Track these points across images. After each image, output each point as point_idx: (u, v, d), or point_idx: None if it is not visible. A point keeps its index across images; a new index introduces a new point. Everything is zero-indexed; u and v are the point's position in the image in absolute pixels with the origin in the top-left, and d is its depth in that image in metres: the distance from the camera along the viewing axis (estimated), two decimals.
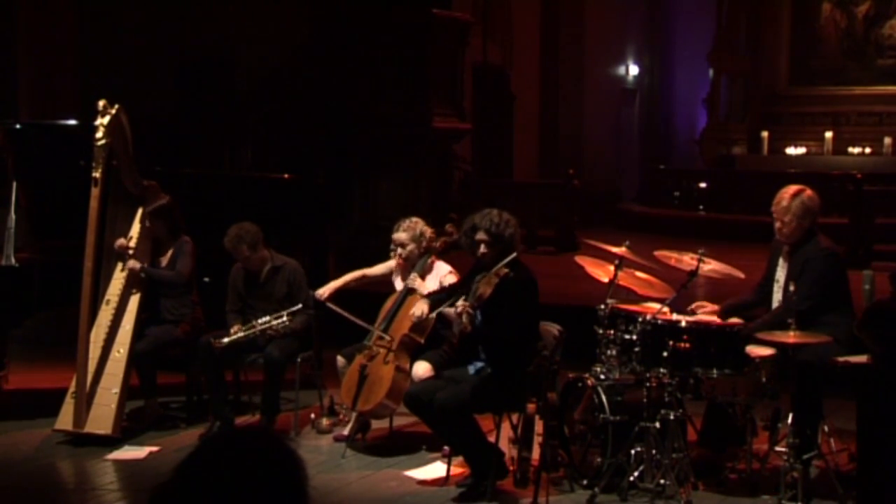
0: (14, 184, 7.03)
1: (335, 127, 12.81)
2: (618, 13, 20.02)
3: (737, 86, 19.90)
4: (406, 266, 6.72)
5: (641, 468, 5.59)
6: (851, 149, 18.20)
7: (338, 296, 6.81)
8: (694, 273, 5.91)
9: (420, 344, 6.40)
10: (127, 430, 6.82)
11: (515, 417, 5.79)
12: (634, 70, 20.92)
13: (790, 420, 5.48)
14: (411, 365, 6.33)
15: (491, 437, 5.84)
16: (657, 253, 6.21)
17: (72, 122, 8.71)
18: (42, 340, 8.57)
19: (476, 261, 5.85)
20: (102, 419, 6.66)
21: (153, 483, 1.85)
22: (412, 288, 6.50)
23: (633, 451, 5.60)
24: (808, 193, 5.94)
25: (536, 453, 5.55)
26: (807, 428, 5.52)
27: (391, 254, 6.79)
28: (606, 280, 6.12)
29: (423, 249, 6.62)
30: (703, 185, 17.53)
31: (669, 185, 17.87)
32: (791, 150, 18.66)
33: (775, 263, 6.08)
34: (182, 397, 7.44)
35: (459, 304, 5.57)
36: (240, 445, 1.84)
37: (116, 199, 7.01)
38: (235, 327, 6.80)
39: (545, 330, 5.97)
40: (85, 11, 12.32)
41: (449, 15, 12.91)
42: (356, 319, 6.59)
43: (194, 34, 12.90)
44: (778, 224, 5.93)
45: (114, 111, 6.70)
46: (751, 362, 5.62)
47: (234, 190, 8.93)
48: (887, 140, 17.59)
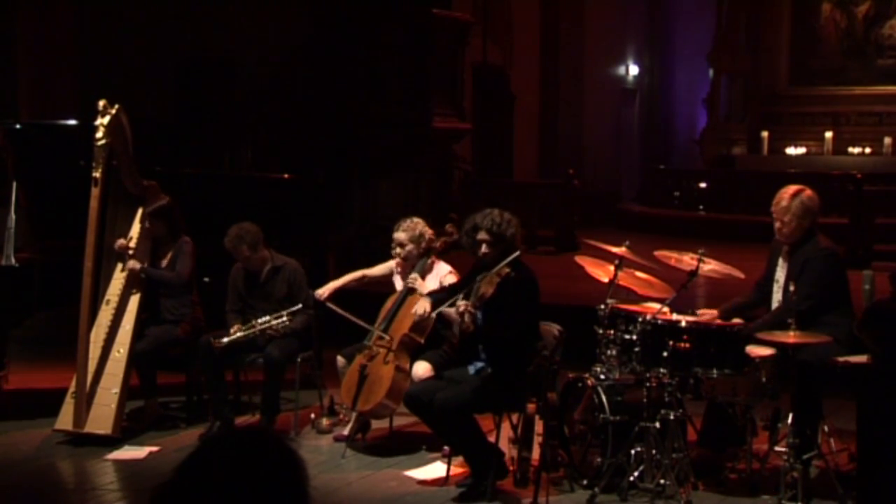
0: (14, 184, 7.03)
1: (335, 127, 12.81)
2: (618, 13, 20.03)
3: (737, 86, 19.90)
4: (406, 266, 6.72)
5: (641, 468, 5.59)
6: (851, 149, 18.20)
7: (338, 296, 6.81)
8: (694, 273, 5.91)
9: (420, 344, 6.40)
10: (127, 430, 6.83)
11: (515, 417, 5.79)
12: (634, 70, 20.93)
13: (790, 420, 5.48)
14: (411, 365, 6.33)
15: (491, 437, 5.84)
16: (657, 253, 6.21)
17: (72, 122, 8.70)
18: (42, 340, 8.57)
19: (477, 260, 5.85)
20: (102, 419, 6.67)
21: (153, 483, 1.85)
22: (412, 288, 6.50)
23: (633, 451, 5.60)
24: (808, 193, 5.94)
25: (536, 453, 5.56)
26: (807, 428, 5.52)
27: (392, 253, 6.80)
28: (606, 280, 6.12)
29: (423, 250, 6.63)
30: (703, 185, 17.53)
31: (669, 185, 17.87)
32: (791, 150, 18.66)
33: (775, 263, 6.08)
34: (182, 397, 7.44)
35: (461, 304, 5.57)
36: (240, 445, 1.84)
37: (116, 199, 7.01)
38: (235, 327, 6.80)
39: (545, 330, 5.98)
40: (85, 11, 12.33)
41: (449, 15, 12.91)
42: (356, 319, 6.59)
43: (194, 34, 12.89)
44: (777, 224, 5.93)
45: (114, 111, 6.70)
46: (751, 362, 5.62)
47: (234, 190, 8.94)
48: (887, 140, 17.59)
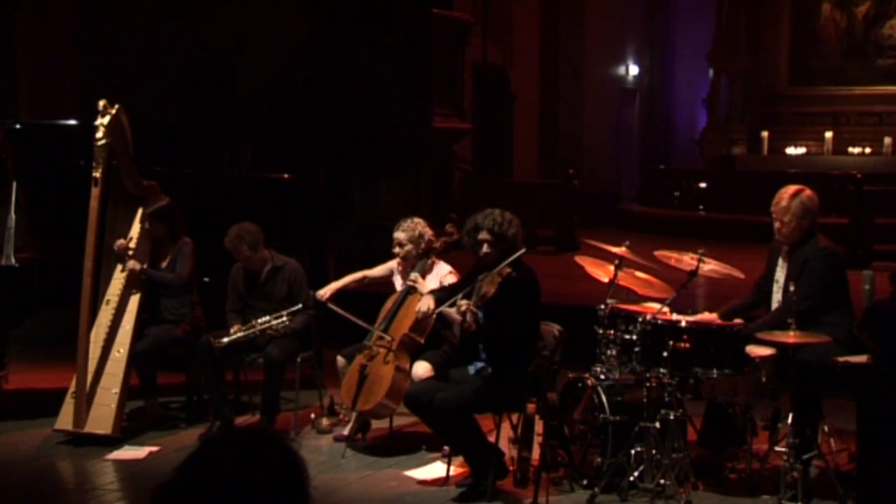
0: (14, 184, 7.03)
1: (335, 127, 12.81)
2: (618, 13, 20.03)
3: (737, 86, 19.89)
4: (406, 266, 6.73)
5: (641, 468, 5.59)
6: (851, 149, 18.20)
7: (338, 296, 6.81)
8: (694, 273, 5.91)
9: (420, 344, 6.40)
10: (127, 430, 6.82)
11: (515, 417, 5.79)
12: (634, 70, 20.93)
13: (790, 420, 5.48)
14: (411, 365, 6.33)
15: (491, 437, 5.84)
16: (657, 253, 6.21)
17: (72, 122, 8.71)
18: (42, 340, 8.56)
19: (478, 260, 5.85)
20: (102, 419, 6.66)
21: (153, 483, 1.85)
22: (412, 288, 6.50)
23: (633, 451, 5.60)
24: (808, 193, 5.94)
25: (536, 453, 5.56)
26: (807, 428, 5.52)
27: (393, 252, 6.80)
28: (606, 280, 6.12)
29: (422, 251, 6.63)
30: (703, 185, 17.53)
31: (669, 185, 17.86)
32: (791, 150, 18.66)
33: (774, 263, 6.08)
34: (182, 397, 7.44)
35: (463, 303, 5.57)
36: (241, 445, 1.84)
37: (116, 200, 7.01)
38: (235, 327, 6.80)
39: (545, 330, 5.97)
40: (85, 11, 12.33)
41: (449, 15, 12.91)
42: (356, 319, 6.59)
43: (194, 34, 12.90)
44: (777, 224, 5.93)
45: (114, 111, 6.70)
46: (751, 362, 5.62)
47: (234, 190, 8.94)
48: (887, 140, 17.59)
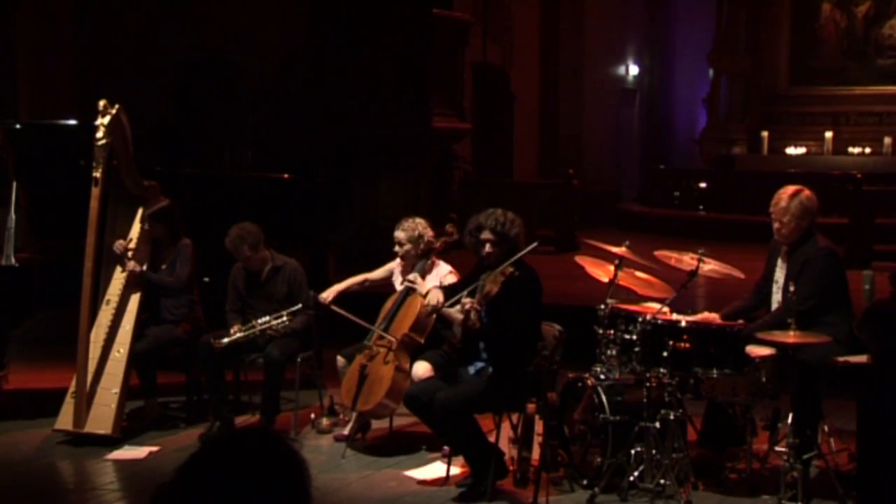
0: (14, 184, 7.03)
1: (335, 127, 12.82)
2: (618, 13, 20.04)
3: (737, 86, 19.88)
4: (406, 267, 6.73)
5: (641, 468, 5.59)
6: (851, 149, 18.19)
7: (339, 297, 6.82)
8: (694, 273, 5.91)
9: (420, 344, 6.40)
10: (127, 430, 6.82)
11: (515, 417, 5.79)
12: (634, 70, 20.93)
13: (790, 420, 5.48)
14: (411, 365, 6.33)
15: (491, 437, 5.84)
16: (657, 253, 6.21)
17: (72, 122, 8.71)
18: (42, 340, 8.56)
19: (479, 260, 5.85)
20: (102, 419, 6.66)
21: (153, 483, 1.85)
22: (412, 288, 6.50)
23: (633, 451, 5.60)
24: (807, 194, 5.94)
25: (536, 453, 5.55)
26: (807, 428, 5.52)
27: (394, 250, 6.81)
28: (606, 280, 6.12)
29: (422, 251, 6.63)
30: (703, 185, 17.53)
31: (669, 185, 17.87)
32: (791, 150, 18.66)
33: (774, 264, 6.08)
34: (182, 397, 7.44)
35: (467, 301, 5.57)
36: (243, 446, 1.84)
37: (117, 200, 7.01)
38: (235, 327, 6.80)
39: (545, 330, 5.97)
40: (85, 11, 12.33)
41: (449, 15, 12.91)
42: (357, 319, 6.59)
43: (194, 34, 12.90)
44: (776, 224, 5.93)
45: (114, 111, 6.70)
46: (751, 362, 5.62)
47: (235, 190, 8.94)
48: (887, 140, 17.58)
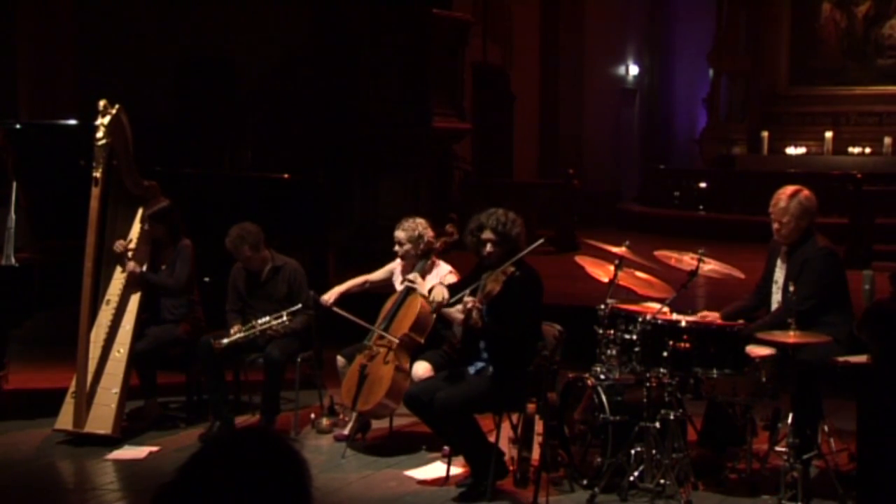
0: (14, 184, 7.03)
1: (335, 127, 12.82)
2: (618, 13, 20.04)
3: (737, 86, 19.89)
4: (407, 267, 6.73)
5: (641, 468, 5.59)
6: (851, 149, 18.19)
7: (340, 298, 6.82)
8: (694, 273, 5.91)
9: (420, 344, 6.40)
10: (127, 430, 6.82)
11: (515, 417, 5.79)
12: (634, 70, 20.93)
13: (790, 420, 5.48)
14: (411, 365, 6.33)
15: (491, 437, 5.84)
16: (657, 253, 6.21)
17: (72, 122, 8.70)
18: (42, 340, 8.56)
19: (480, 260, 5.85)
20: (102, 419, 6.67)
21: (153, 483, 1.85)
22: (412, 288, 6.50)
23: (633, 451, 5.60)
24: (806, 194, 5.94)
25: (536, 453, 5.55)
26: (807, 428, 5.52)
27: (394, 249, 6.81)
28: (606, 280, 6.12)
29: (421, 251, 6.63)
30: (703, 185, 17.53)
31: (669, 185, 17.86)
32: (791, 150, 18.66)
33: (774, 264, 6.08)
34: (182, 397, 7.44)
35: (469, 300, 5.57)
36: (243, 446, 1.84)
37: (117, 200, 7.01)
38: (235, 328, 6.80)
39: (545, 330, 5.98)
40: (85, 11, 12.32)
41: (449, 15, 12.91)
42: (357, 320, 6.59)
43: (194, 34, 12.90)
44: (776, 225, 5.93)
45: (114, 111, 6.70)
46: (751, 362, 5.62)
47: (235, 190, 8.94)
48: (887, 140, 17.58)
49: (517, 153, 17.14)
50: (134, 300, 6.97)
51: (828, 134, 18.19)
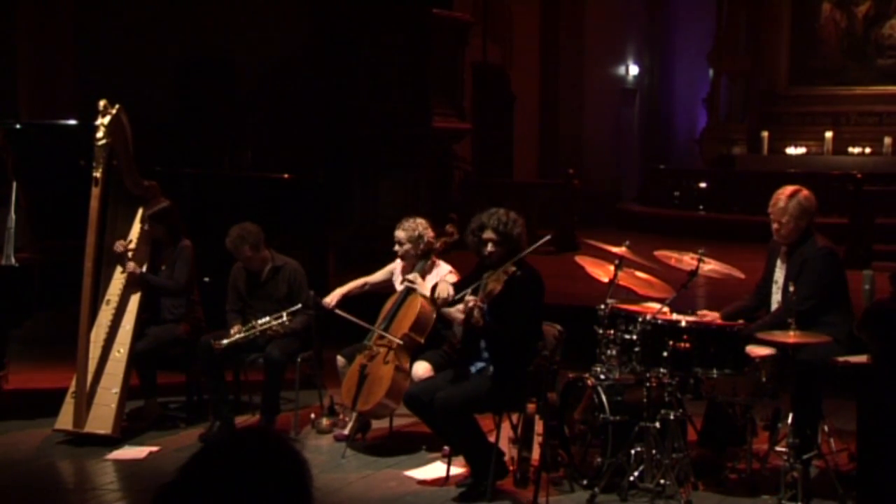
0: (14, 184, 7.02)
1: (335, 127, 12.82)
2: (618, 13, 20.03)
3: (737, 86, 19.90)
4: (407, 267, 6.73)
5: (641, 468, 5.59)
6: (851, 149, 18.20)
7: (342, 300, 6.82)
8: (694, 273, 5.91)
9: (420, 344, 6.40)
10: (127, 430, 6.82)
11: (515, 417, 5.79)
12: (634, 70, 20.93)
13: (790, 420, 5.48)
14: (411, 365, 6.33)
15: (491, 437, 5.84)
16: (657, 253, 6.21)
17: (72, 122, 8.70)
18: (42, 340, 8.56)
19: (480, 260, 5.85)
20: (102, 419, 6.66)
21: (153, 483, 1.85)
22: (412, 288, 6.50)
23: (633, 451, 5.60)
24: (805, 194, 5.94)
25: (536, 453, 5.55)
26: (807, 428, 5.52)
27: (394, 249, 6.81)
28: (606, 280, 6.12)
29: (421, 251, 6.63)
30: (703, 185, 17.53)
31: (669, 185, 17.87)
32: (791, 150, 18.66)
33: (773, 264, 6.08)
34: (182, 397, 7.44)
35: (470, 299, 5.57)
36: (244, 446, 1.84)
37: (117, 200, 7.01)
38: (235, 328, 6.79)
39: (545, 330, 5.98)
40: (85, 11, 12.32)
41: (449, 15, 12.92)
42: (359, 321, 6.59)
43: (194, 34, 12.89)
44: (775, 225, 5.93)
45: (114, 111, 6.70)
46: (751, 362, 5.62)
47: (235, 190, 8.94)
48: (887, 140, 17.59)
49: (517, 153, 17.13)
50: (134, 300, 6.97)
51: (828, 134, 18.20)
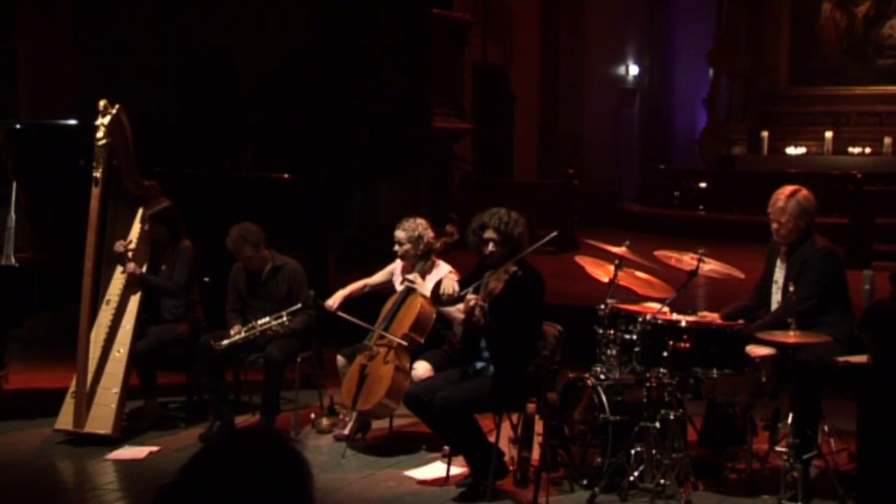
0: (14, 184, 7.02)
1: (335, 127, 12.81)
2: (618, 13, 20.04)
3: (737, 86, 19.89)
4: (407, 267, 6.73)
5: (641, 468, 5.59)
6: (851, 149, 18.19)
7: (344, 302, 6.83)
8: (694, 273, 5.91)
9: (420, 344, 6.40)
10: (127, 430, 6.82)
11: (515, 417, 5.79)
12: (634, 70, 20.93)
13: (790, 420, 5.48)
14: (411, 365, 6.33)
15: (491, 437, 5.84)
16: (657, 253, 6.21)
17: (72, 122, 8.71)
18: (42, 340, 8.56)
19: (480, 259, 5.84)
20: (102, 419, 6.67)
21: (153, 483, 1.86)
22: (412, 288, 6.50)
23: (633, 451, 5.60)
24: (804, 193, 5.94)
25: (536, 453, 5.56)
26: (807, 428, 5.53)
27: (394, 249, 6.81)
28: (606, 280, 6.12)
29: (421, 252, 6.63)
30: (703, 185, 17.53)
31: (669, 185, 17.86)
32: (791, 150, 18.66)
33: (773, 264, 6.09)
34: (182, 397, 7.44)
35: (471, 298, 5.58)
36: (245, 446, 1.84)
37: (117, 200, 7.01)
38: (236, 328, 6.79)
39: (545, 330, 5.98)
40: (85, 11, 12.32)
41: (449, 15, 12.92)
42: (359, 321, 6.59)
43: (194, 34, 12.89)
44: (775, 225, 5.93)
45: (114, 111, 6.70)
46: (751, 362, 5.62)
47: (234, 190, 8.94)
48: (887, 140, 17.58)
49: (517, 153, 17.13)
50: (134, 300, 6.97)
51: (828, 134, 18.20)
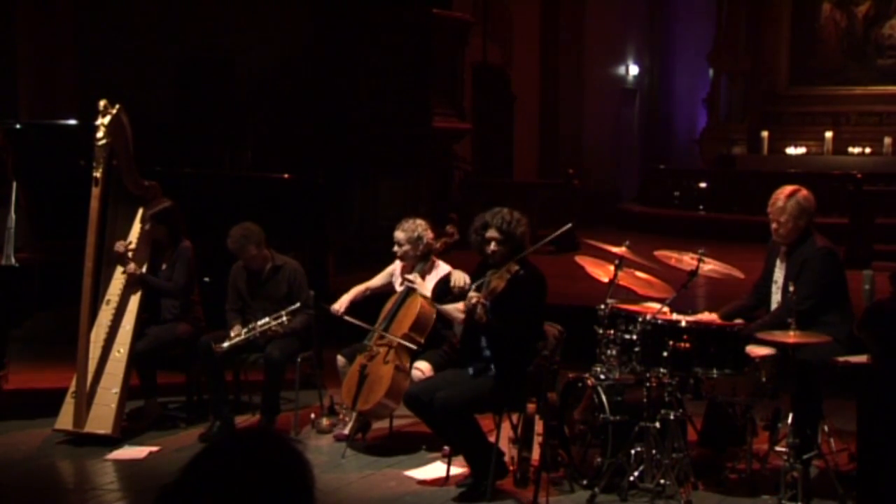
0: (14, 184, 7.02)
1: (335, 127, 12.81)
2: (618, 13, 20.04)
3: (737, 86, 19.90)
4: (407, 268, 6.73)
5: (641, 468, 5.59)
6: (851, 149, 18.20)
7: (349, 306, 6.83)
8: (694, 273, 5.91)
9: (420, 344, 6.40)
10: (127, 430, 6.82)
11: (515, 417, 5.79)
12: (634, 70, 20.93)
13: (790, 420, 5.48)
14: (411, 365, 6.33)
15: (491, 437, 5.84)
16: (657, 253, 6.21)
17: (72, 122, 8.71)
18: (42, 340, 8.56)
19: (482, 259, 5.84)
20: (102, 419, 6.67)
21: (153, 483, 1.86)
22: (412, 288, 6.50)
23: (633, 451, 5.60)
24: (804, 193, 5.94)
25: (536, 453, 5.56)
26: (807, 428, 5.52)
27: (393, 249, 6.81)
28: (606, 280, 6.12)
29: (421, 252, 6.62)
30: (703, 185, 17.54)
31: (669, 185, 17.87)
32: (791, 150, 18.67)
33: (773, 264, 6.08)
34: (182, 397, 7.44)
35: (473, 296, 5.58)
36: (246, 446, 1.84)
37: (117, 200, 7.01)
38: (236, 329, 6.79)
39: (545, 330, 5.98)
40: (85, 11, 12.32)
41: (449, 15, 12.91)
42: (364, 324, 6.59)
43: (194, 34, 12.89)
44: (774, 225, 5.93)
45: (114, 111, 6.70)
46: (751, 362, 5.62)
47: (235, 190, 8.94)
48: (887, 140, 17.59)
49: (517, 153, 17.13)
50: (134, 300, 6.98)
51: (828, 134, 18.21)
